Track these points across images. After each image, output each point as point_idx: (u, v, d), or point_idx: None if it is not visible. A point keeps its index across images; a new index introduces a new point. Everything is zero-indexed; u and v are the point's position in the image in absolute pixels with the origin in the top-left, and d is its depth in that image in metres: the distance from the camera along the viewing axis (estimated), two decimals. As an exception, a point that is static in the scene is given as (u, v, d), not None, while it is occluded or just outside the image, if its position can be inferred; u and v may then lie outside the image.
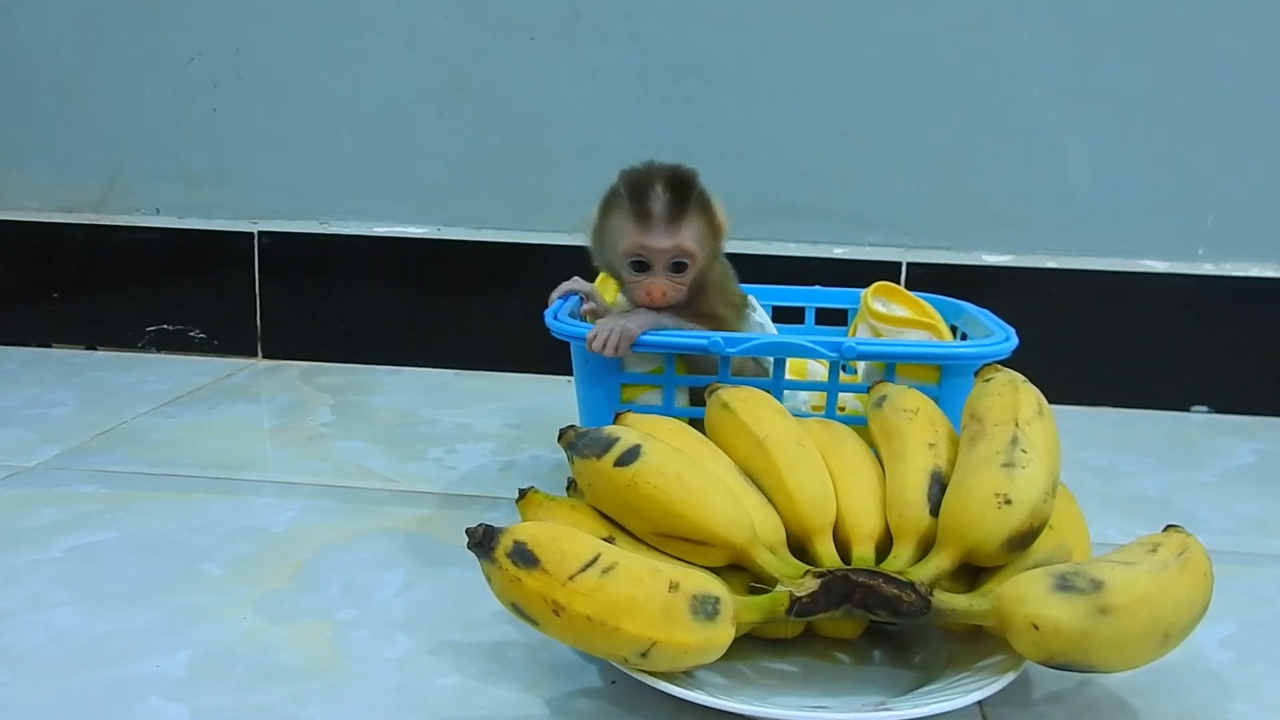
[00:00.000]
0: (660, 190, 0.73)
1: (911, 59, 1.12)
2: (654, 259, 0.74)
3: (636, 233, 0.74)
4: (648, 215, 0.73)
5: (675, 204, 0.73)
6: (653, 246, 0.73)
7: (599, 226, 0.77)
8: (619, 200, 0.75)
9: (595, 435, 0.59)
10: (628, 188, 0.74)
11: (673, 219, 0.73)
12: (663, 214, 0.73)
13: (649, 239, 0.73)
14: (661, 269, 0.74)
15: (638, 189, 0.74)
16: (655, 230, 0.73)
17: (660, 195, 0.73)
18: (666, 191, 0.73)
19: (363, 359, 1.25)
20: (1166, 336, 1.14)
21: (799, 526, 0.59)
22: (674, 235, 0.73)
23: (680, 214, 0.73)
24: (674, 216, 0.73)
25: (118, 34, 1.23)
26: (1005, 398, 0.60)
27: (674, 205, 0.73)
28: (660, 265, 0.74)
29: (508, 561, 0.49)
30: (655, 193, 0.73)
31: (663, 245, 0.73)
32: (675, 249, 0.73)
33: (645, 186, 0.73)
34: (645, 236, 0.73)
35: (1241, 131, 1.10)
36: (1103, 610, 0.50)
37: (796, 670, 0.59)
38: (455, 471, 0.91)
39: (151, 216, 1.27)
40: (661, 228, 0.73)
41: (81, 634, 0.62)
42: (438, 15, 1.17)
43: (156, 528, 0.78)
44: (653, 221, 0.73)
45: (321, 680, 0.58)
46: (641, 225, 0.73)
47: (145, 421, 1.03)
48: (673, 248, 0.73)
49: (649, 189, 0.73)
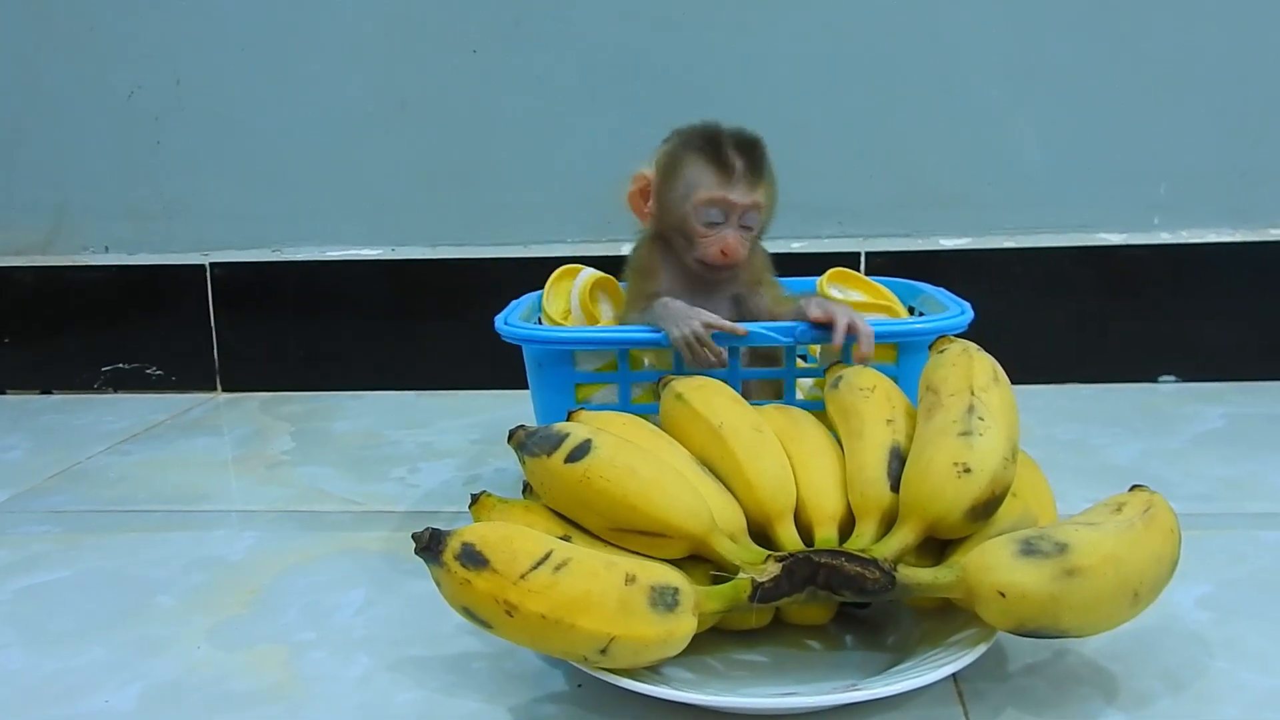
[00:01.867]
0: (737, 142, 0.74)
1: (855, 46, 1.12)
2: (730, 212, 0.73)
3: (718, 184, 0.73)
4: (730, 168, 0.73)
5: (753, 160, 0.74)
6: (734, 200, 0.73)
7: (665, 180, 0.76)
8: (693, 153, 0.74)
9: (545, 433, 0.57)
10: (707, 142, 0.74)
11: (752, 174, 0.73)
12: (744, 169, 0.73)
13: (732, 192, 0.73)
14: (735, 223, 0.74)
15: (717, 144, 0.74)
16: (738, 183, 0.73)
17: (738, 147, 0.73)
18: (744, 148, 0.74)
19: (324, 386, 1.22)
20: (1129, 308, 1.13)
21: (759, 512, 0.58)
22: (753, 191, 0.73)
23: (759, 171, 0.74)
24: (753, 172, 0.73)
25: (55, 71, 1.21)
26: (959, 367, 0.59)
27: (752, 161, 0.74)
28: (735, 219, 0.74)
29: (456, 564, 0.48)
30: (733, 144, 0.73)
31: (744, 200, 0.73)
32: (753, 204, 0.74)
33: (723, 142, 0.74)
34: (728, 189, 0.73)
35: (1188, 99, 1.10)
36: (1069, 572, 0.48)
37: (767, 660, 0.57)
38: (419, 489, 0.89)
39: (100, 255, 1.25)
40: (744, 182, 0.73)
41: (28, 674, 0.60)
42: (379, 33, 1.16)
43: (110, 564, 0.76)
44: (735, 175, 0.73)
45: (278, 704, 0.56)
46: (724, 177, 0.73)
47: (100, 460, 1.00)
48: (751, 203, 0.73)
49: (727, 145, 0.74)
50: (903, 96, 1.12)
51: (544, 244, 1.16)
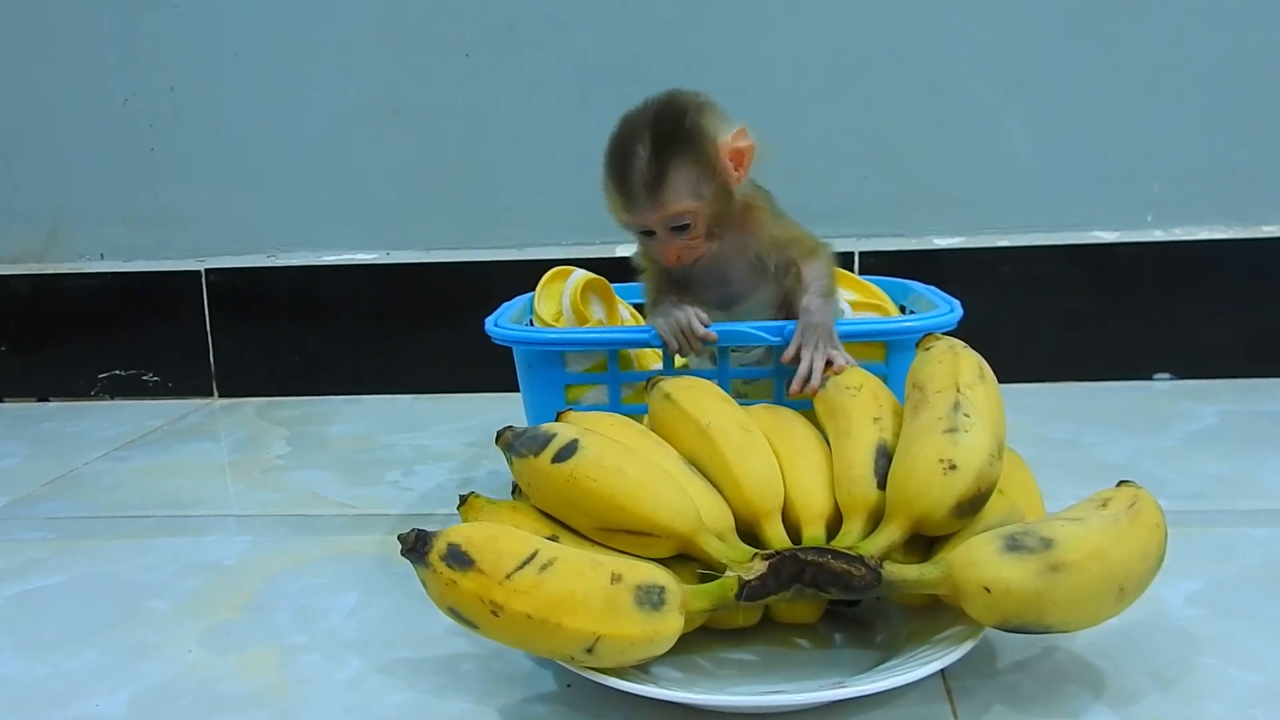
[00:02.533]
0: (639, 151, 0.65)
1: (847, 49, 1.12)
2: (649, 228, 0.68)
3: (621, 208, 0.67)
4: (626, 187, 0.66)
5: (654, 166, 0.65)
6: (642, 221, 0.67)
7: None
8: (603, 172, 0.68)
9: (532, 433, 0.58)
10: (606, 155, 0.68)
11: (653, 185, 0.65)
12: (641, 182, 0.65)
13: (636, 214, 0.67)
14: (665, 233, 0.68)
15: (613, 156, 0.67)
16: (637, 203, 0.66)
17: (638, 159, 0.65)
18: (646, 150, 0.65)
19: (320, 390, 1.23)
20: (1123, 306, 1.13)
21: (747, 512, 0.58)
22: (657, 204, 0.66)
23: (660, 177, 0.65)
24: (654, 181, 0.65)
25: (49, 80, 1.21)
26: (945, 364, 0.59)
27: (653, 168, 0.65)
28: (662, 231, 0.68)
29: (442, 565, 0.48)
30: (633, 157, 0.65)
31: (650, 219, 0.67)
32: (668, 216, 0.66)
33: (621, 151, 0.66)
34: (631, 212, 0.67)
35: (1180, 98, 1.10)
36: (1054, 567, 0.49)
37: (756, 659, 0.58)
38: (413, 492, 0.89)
39: (96, 262, 1.25)
40: (642, 198, 0.66)
41: (19, 679, 0.60)
42: (372, 38, 1.16)
43: (103, 570, 0.76)
44: (633, 194, 0.66)
45: (269, 707, 0.56)
46: (622, 199, 0.67)
47: (96, 466, 1.01)
48: (663, 217, 0.67)
49: (626, 154, 0.66)
50: (896, 97, 1.12)
51: (538, 247, 1.17)
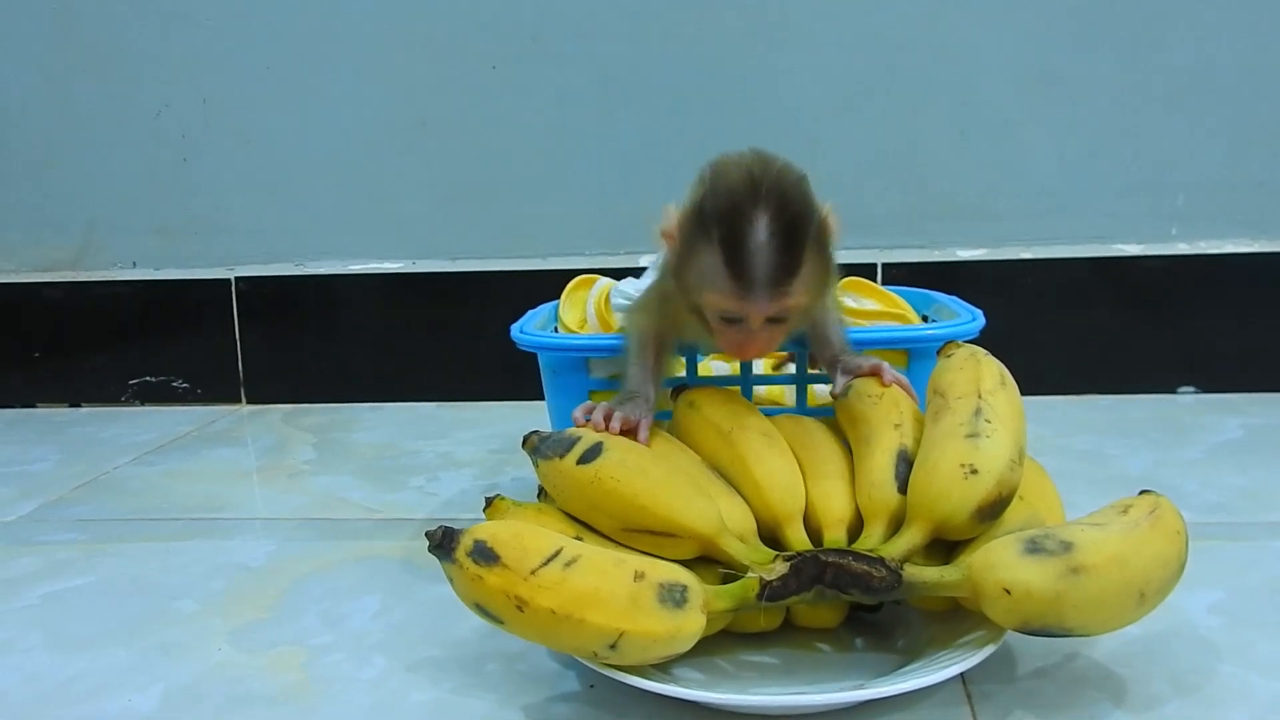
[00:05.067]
0: (767, 237, 0.55)
1: (870, 60, 1.12)
2: (750, 318, 0.58)
3: (732, 294, 0.57)
4: (747, 277, 0.55)
5: (786, 258, 0.55)
6: (751, 313, 0.58)
7: (681, 252, 0.59)
8: (709, 245, 0.56)
9: (558, 437, 0.58)
10: (726, 234, 0.56)
11: (780, 279, 0.56)
12: (767, 275, 0.55)
13: (749, 304, 0.57)
14: (760, 325, 0.58)
15: (735, 233, 0.55)
16: (757, 295, 0.56)
17: (764, 248, 0.55)
18: (772, 241, 0.55)
19: (346, 397, 1.24)
20: (1147, 319, 1.13)
21: (769, 515, 0.58)
22: (779, 297, 0.57)
23: (791, 271, 0.56)
24: (783, 275, 0.56)
25: (85, 92, 1.23)
26: (967, 371, 0.59)
27: (784, 260, 0.55)
28: (758, 323, 0.58)
29: (469, 560, 0.49)
30: (760, 241, 0.55)
31: (763, 312, 0.57)
32: (779, 311, 0.58)
33: (746, 230, 0.55)
34: (744, 302, 0.57)
35: (1203, 110, 1.10)
36: (1074, 570, 0.49)
37: (777, 662, 0.58)
38: (437, 498, 0.90)
39: (128, 270, 1.27)
40: (765, 293, 0.56)
41: (53, 675, 0.61)
42: (400, 51, 1.18)
43: (132, 571, 0.77)
44: (754, 286, 0.56)
45: (296, 704, 0.57)
46: (739, 287, 0.56)
47: (125, 471, 1.02)
48: (775, 312, 0.58)
49: (751, 235, 0.55)
50: (920, 109, 1.13)
51: (562, 256, 1.18)
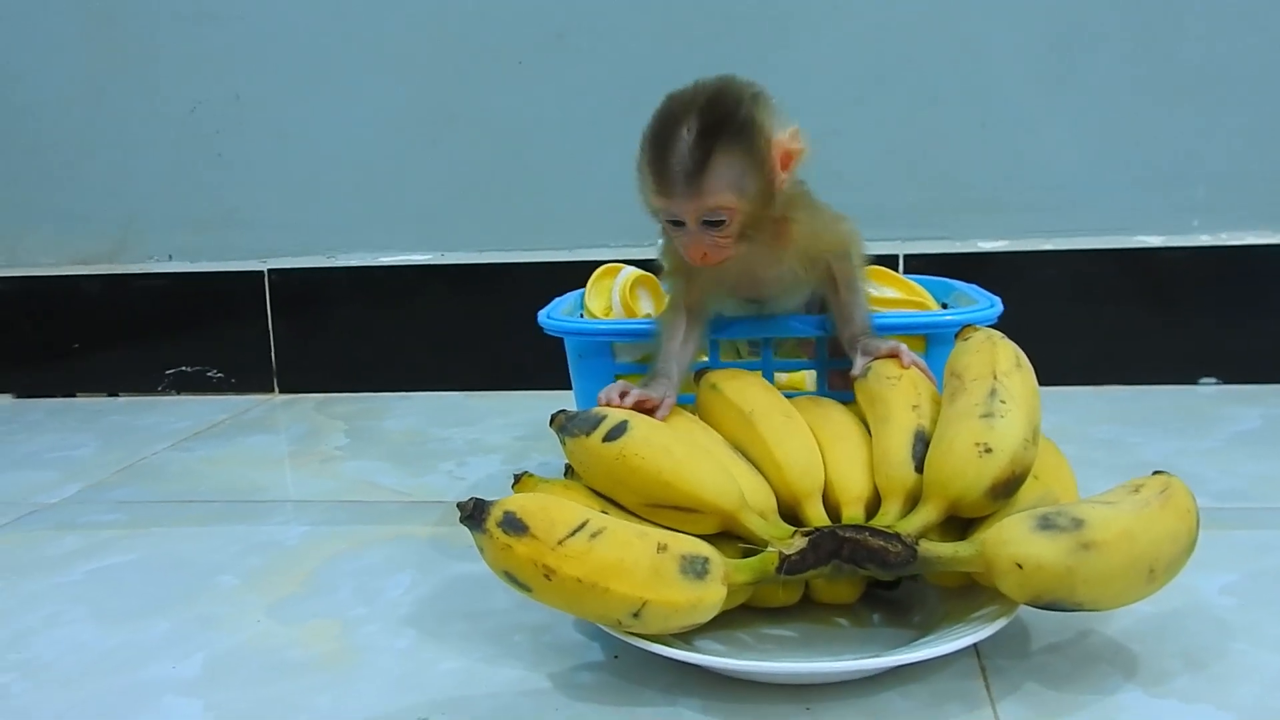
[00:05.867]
0: (683, 134, 0.60)
1: (891, 53, 1.14)
2: (683, 218, 0.62)
3: (653, 191, 0.62)
4: (664, 170, 0.61)
5: (697, 155, 0.60)
6: (676, 210, 0.62)
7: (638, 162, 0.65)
8: (641, 150, 0.63)
9: (585, 415, 0.60)
10: (647, 133, 0.62)
11: (695, 172, 0.60)
12: (682, 167, 0.60)
13: (667, 200, 0.62)
14: (696, 226, 0.62)
15: (657, 135, 0.61)
16: (673, 189, 0.61)
17: (681, 142, 0.60)
18: (691, 134, 0.60)
19: (376, 386, 1.27)
20: (1168, 311, 1.14)
21: (788, 493, 0.60)
22: (695, 193, 0.61)
23: (703, 165, 0.60)
24: (696, 169, 0.60)
25: (121, 90, 1.27)
26: (983, 353, 0.61)
27: (697, 154, 0.60)
28: (693, 224, 0.62)
29: (498, 530, 0.51)
30: (676, 140, 0.60)
31: (687, 208, 0.61)
32: (706, 208, 0.61)
33: (666, 131, 0.61)
34: (662, 197, 0.62)
35: (1224, 100, 1.10)
36: (1085, 546, 0.50)
37: (795, 635, 0.60)
38: (465, 481, 0.93)
39: (164, 263, 1.30)
40: (681, 185, 0.60)
41: (98, 645, 0.64)
42: (427, 47, 1.21)
43: (173, 549, 0.80)
44: (670, 178, 0.60)
45: (331, 672, 0.59)
46: (657, 182, 0.61)
47: (164, 456, 1.05)
48: (700, 208, 0.61)
49: (668, 134, 0.60)
50: (940, 101, 1.14)
51: (587, 248, 1.20)
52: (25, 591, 0.73)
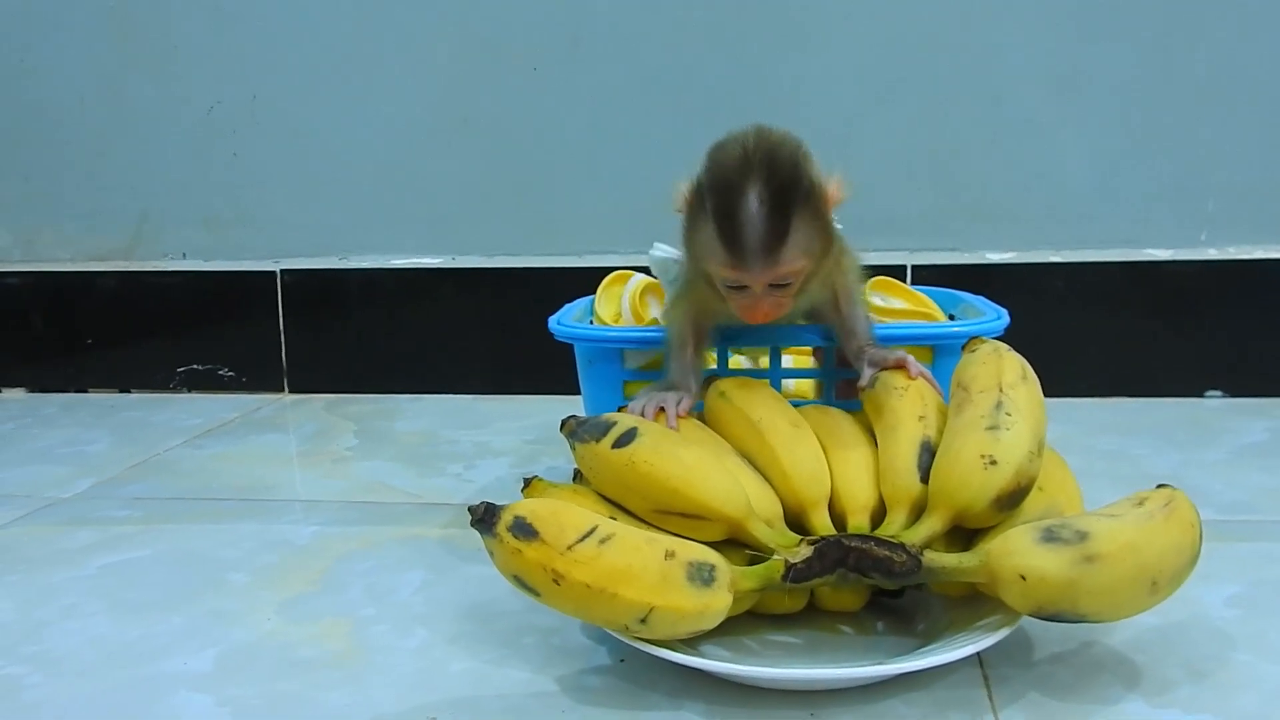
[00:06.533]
0: (755, 206, 0.58)
1: (903, 62, 1.14)
2: (752, 284, 0.62)
3: (729, 263, 0.61)
4: (739, 243, 0.59)
5: (774, 225, 0.59)
6: (749, 280, 0.61)
7: (688, 228, 0.64)
8: (706, 218, 0.61)
9: (594, 422, 0.61)
10: (720, 207, 0.60)
11: (770, 245, 0.59)
12: (758, 241, 0.59)
13: (743, 272, 0.61)
14: (762, 290, 0.62)
15: (726, 205, 0.59)
16: (750, 263, 0.60)
17: (755, 215, 0.58)
18: (761, 211, 0.58)
19: (386, 388, 1.28)
20: (1176, 324, 1.14)
21: (795, 501, 0.61)
22: (772, 264, 0.60)
23: (780, 238, 0.59)
24: (772, 242, 0.59)
25: (139, 88, 1.28)
26: (989, 365, 0.61)
27: (772, 227, 0.59)
28: (760, 288, 0.62)
29: (508, 535, 0.52)
30: (749, 212, 0.59)
31: (761, 278, 0.61)
32: (776, 277, 0.61)
33: (735, 202, 0.59)
34: (738, 269, 0.61)
35: (1235, 115, 1.11)
36: (1088, 558, 0.51)
37: (801, 642, 0.60)
38: (474, 484, 0.93)
39: (178, 261, 1.31)
40: (758, 258, 0.60)
41: (113, 639, 0.65)
42: (443, 51, 1.21)
43: (186, 545, 0.81)
44: (746, 255, 0.60)
45: (342, 669, 0.60)
46: (732, 254, 0.60)
47: (176, 453, 1.06)
48: (773, 277, 0.61)
49: (740, 206, 0.59)
50: (950, 111, 1.15)
51: (598, 254, 1.20)
52: (40, 584, 0.74)
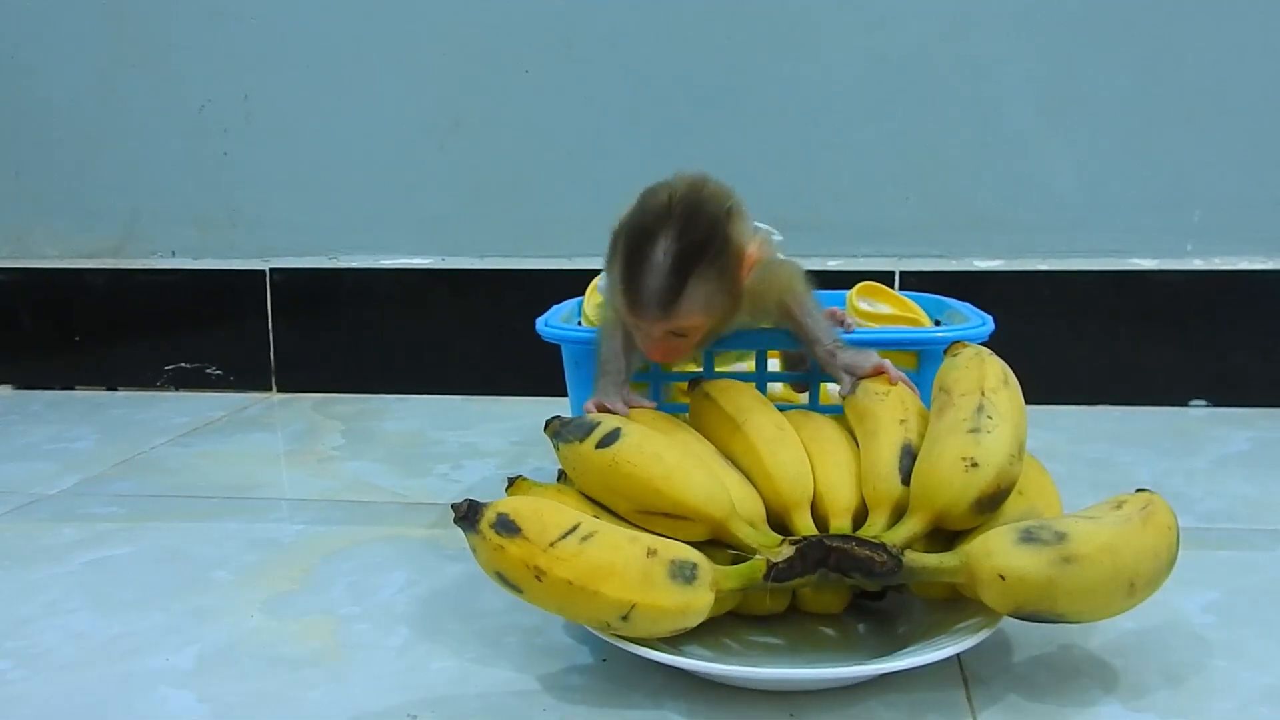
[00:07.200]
0: (658, 260, 0.60)
1: (894, 72, 1.15)
2: (650, 330, 0.64)
3: (624, 304, 0.63)
4: (635, 292, 0.61)
5: (671, 282, 0.60)
6: (642, 325, 0.63)
7: (608, 259, 0.65)
8: (613, 262, 0.63)
9: (579, 422, 0.61)
10: (624, 246, 0.62)
11: (665, 300, 0.61)
12: (653, 294, 0.61)
13: (642, 321, 0.63)
14: (661, 335, 0.64)
15: (631, 253, 0.61)
16: (646, 314, 0.62)
17: (654, 268, 0.60)
18: (665, 261, 0.60)
19: (374, 388, 1.28)
20: (1161, 334, 1.15)
21: (778, 503, 0.61)
22: (664, 317, 0.62)
23: (675, 295, 0.61)
24: (667, 297, 0.61)
25: (131, 86, 1.28)
26: (971, 369, 0.62)
27: (669, 284, 0.60)
28: (659, 332, 0.64)
29: (491, 532, 0.52)
30: (649, 264, 0.60)
31: (656, 327, 0.63)
32: (666, 329, 0.63)
33: (640, 250, 0.61)
34: (638, 315, 0.62)
35: (1221, 126, 1.12)
36: (1066, 559, 0.51)
37: (782, 643, 0.61)
38: (461, 484, 0.93)
39: (168, 259, 1.31)
40: (652, 308, 0.61)
41: (95, 635, 0.65)
42: (436, 54, 1.22)
43: (170, 543, 0.80)
44: (643, 300, 0.61)
45: (324, 667, 0.60)
46: (629, 300, 0.62)
47: (162, 451, 1.06)
48: (663, 329, 0.63)
49: (644, 255, 0.61)
50: (940, 120, 1.15)
51: (588, 256, 1.20)
52: (23, 580, 0.74)
